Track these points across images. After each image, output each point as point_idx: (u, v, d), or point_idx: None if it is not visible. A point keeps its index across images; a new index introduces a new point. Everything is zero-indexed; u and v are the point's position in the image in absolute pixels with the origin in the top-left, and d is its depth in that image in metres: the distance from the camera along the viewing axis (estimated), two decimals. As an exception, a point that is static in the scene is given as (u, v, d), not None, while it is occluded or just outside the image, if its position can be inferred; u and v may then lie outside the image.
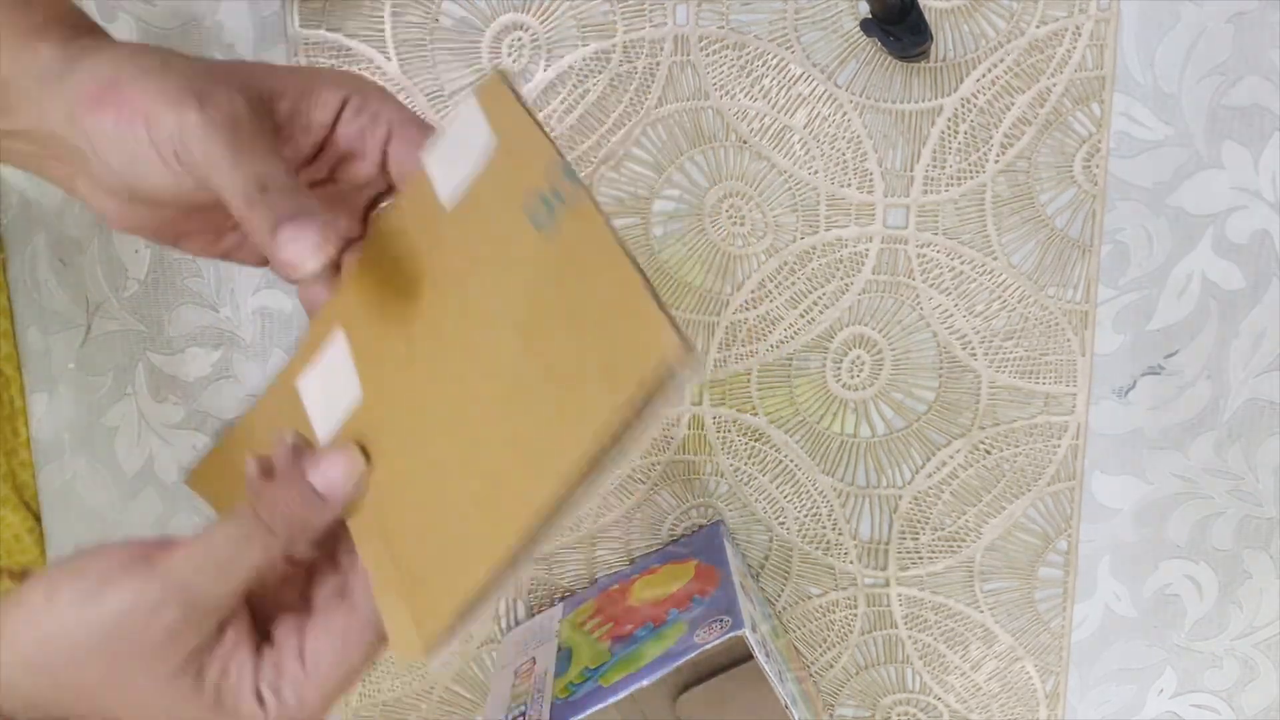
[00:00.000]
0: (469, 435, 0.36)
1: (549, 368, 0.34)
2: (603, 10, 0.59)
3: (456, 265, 0.38)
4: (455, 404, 0.37)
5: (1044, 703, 0.66)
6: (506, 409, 0.35)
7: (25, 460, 0.68)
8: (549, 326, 0.35)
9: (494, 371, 0.36)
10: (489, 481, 0.35)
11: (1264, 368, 0.60)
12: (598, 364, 0.32)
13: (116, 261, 0.65)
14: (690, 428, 0.64)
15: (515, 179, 0.37)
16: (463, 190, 0.39)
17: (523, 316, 0.36)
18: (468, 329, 0.37)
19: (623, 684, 0.53)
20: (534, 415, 0.34)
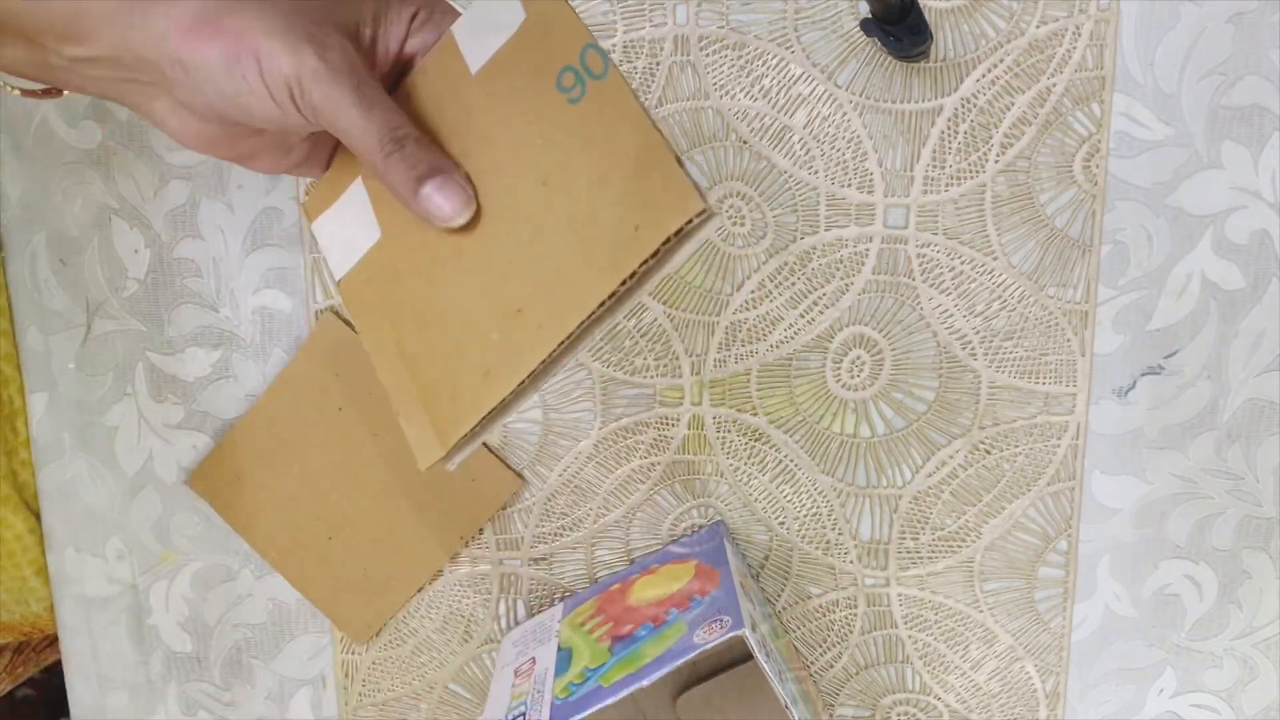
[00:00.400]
0: (491, 273, 0.39)
1: (571, 219, 0.38)
2: (603, 10, 0.59)
3: (482, 124, 0.41)
4: (477, 246, 0.40)
5: (1044, 702, 0.66)
6: (529, 251, 0.38)
7: (25, 460, 0.68)
8: (575, 183, 0.38)
9: (518, 218, 0.39)
10: (510, 311, 0.38)
11: (1264, 367, 0.60)
12: (624, 220, 0.36)
13: (116, 261, 0.65)
14: (690, 428, 0.64)
15: (547, 53, 0.39)
16: (489, 58, 0.41)
17: (549, 173, 0.39)
18: (491, 182, 0.40)
19: (623, 684, 0.53)
20: (557, 259, 0.38)
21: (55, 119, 0.64)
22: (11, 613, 0.70)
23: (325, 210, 0.45)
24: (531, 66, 0.39)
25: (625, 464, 0.65)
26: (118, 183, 0.64)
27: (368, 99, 0.40)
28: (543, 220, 0.38)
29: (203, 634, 0.69)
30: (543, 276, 0.38)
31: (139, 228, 0.64)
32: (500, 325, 0.38)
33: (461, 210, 0.40)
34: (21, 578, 0.69)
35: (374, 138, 0.39)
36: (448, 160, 0.41)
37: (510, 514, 0.66)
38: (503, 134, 0.40)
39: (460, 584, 0.67)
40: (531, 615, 0.67)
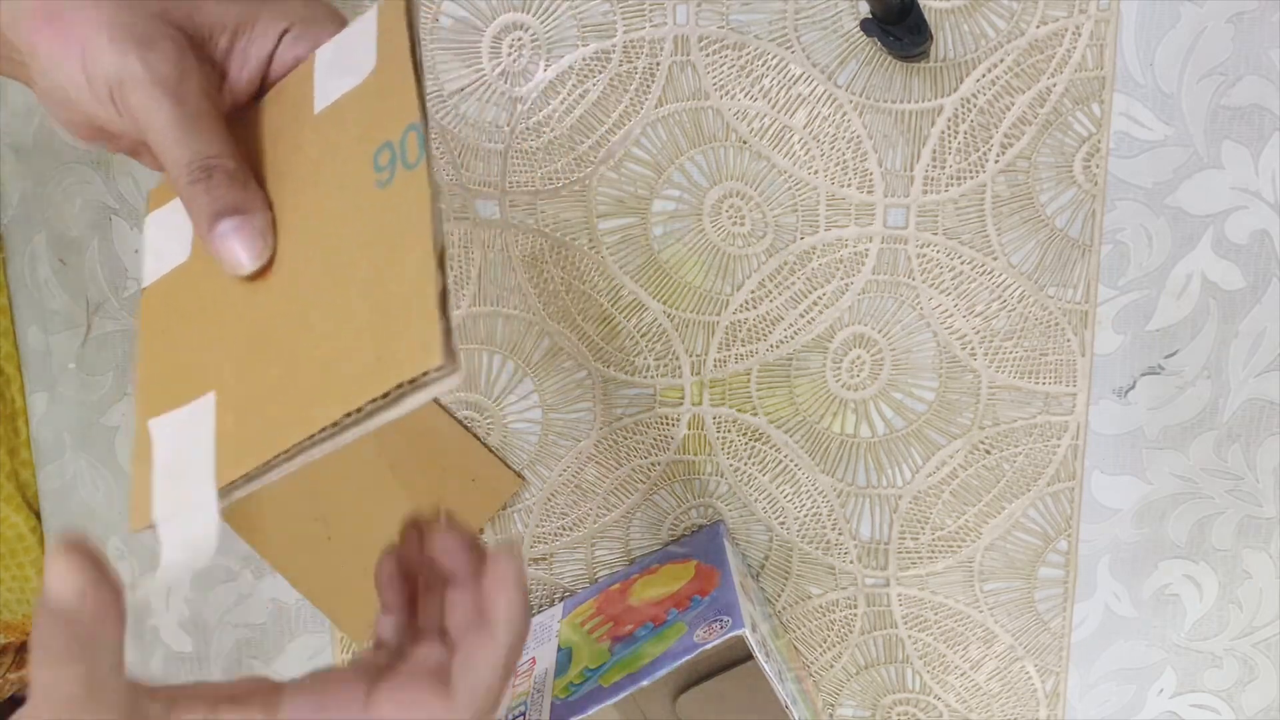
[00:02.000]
0: (258, 341, 0.37)
1: (338, 319, 0.35)
2: (603, 10, 0.59)
3: (302, 172, 0.38)
4: (253, 304, 0.37)
5: (1044, 702, 0.66)
6: (294, 331, 0.36)
7: (26, 459, 0.68)
8: (349, 278, 0.35)
9: (298, 288, 0.36)
10: (256, 393, 0.36)
11: (1264, 367, 0.60)
12: (371, 345, 0.33)
13: (116, 261, 0.65)
14: (690, 428, 0.64)
15: (379, 117, 0.36)
16: (332, 100, 0.38)
17: (336, 253, 0.36)
18: (290, 236, 0.37)
19: (622, 684, 0.53)
20: (309, 355, 0.35)
21: (55, 119, 0.64)
22: (14, 612, 0.70)
23: (161, 207, 0.42)
24: (361, 127, 0.36)
25: (625, 464, 0.65)
26: (118, 183, 0.64)
27: (186, 115, 0.36)
28: (314, 302, 0.36)
29: (203, 634, 0.69)
30: (290, 371, 0.35)
31: (139, 227, 0.64)
32: (242, 406, 0.36)
33: (251, 260, 0.37)
34: (24, 577, 0.69)
35: (183, 160, 0.36)
36: (256, 203, 0.37)
37: (510, 514, 0.66)
38: (314, 190, 0.37)
39: (460, 584, 0.67)
40: (531, 615, 0.68)
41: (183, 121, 0.36)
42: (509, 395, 0.64)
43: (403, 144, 0.35)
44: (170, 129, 0.36)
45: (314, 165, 0.38)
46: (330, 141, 0.37)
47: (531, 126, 0.60)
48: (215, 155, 0.37)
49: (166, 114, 0.36)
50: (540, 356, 0.64)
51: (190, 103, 0.37)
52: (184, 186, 0.37)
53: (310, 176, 0.38)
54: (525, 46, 0.60)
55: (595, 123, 0.60)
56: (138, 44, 0.36)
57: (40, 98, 0.40)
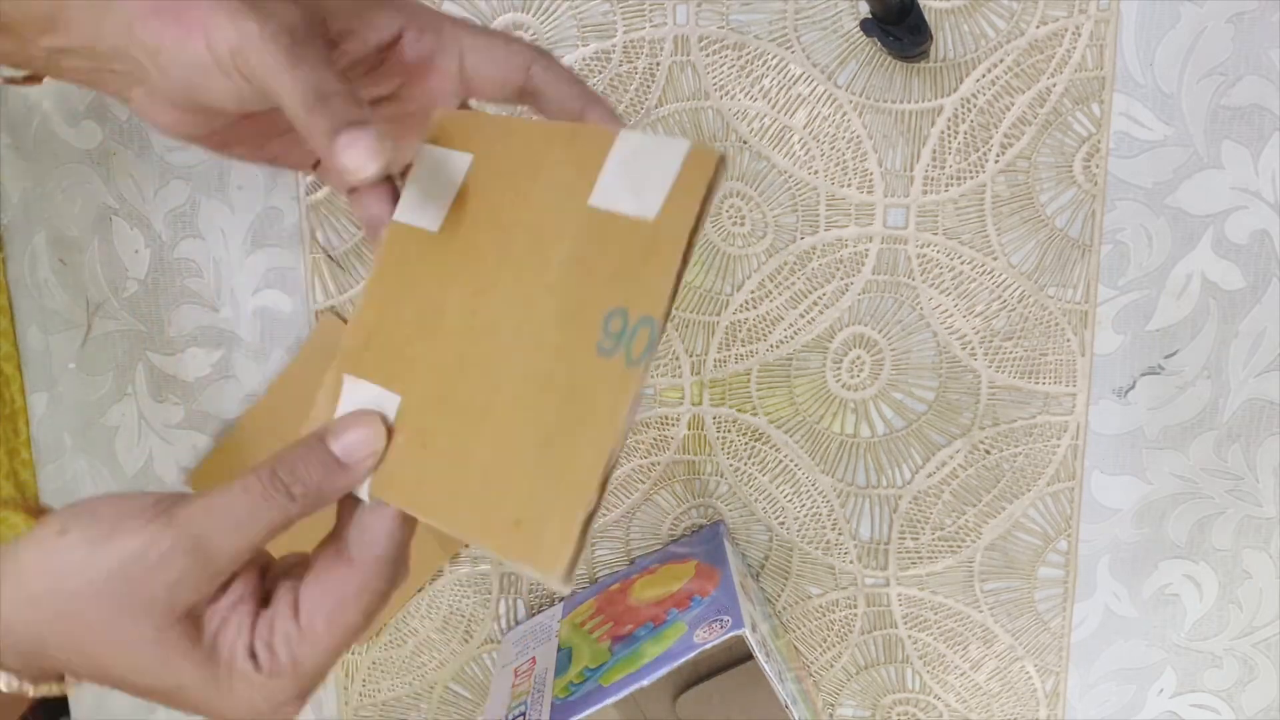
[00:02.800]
0: (455, 387, 0.38)
1: (512, 438, 0.36)
2: (603, 10, 0.59)
3: (541, 246, 0.38)
4: (471, 333, 0.38)
5: (1044, 702, 0.66)
6: (477, 404, 0.37)
7: (26, 459, 0.68)
8: (538, 403, 0.36)
9: (498, 358, 0.37)
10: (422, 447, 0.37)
11: (1264, 367, 0.60)
12: (517, 505, 0.34)
13: (116, 261, 0.65)
14: (690, 428, 0.64)
15: (630, 271, 0.36)
16: (606, 208, 0.37)
17: (538, 357, 0.36)
18: (509, 298, 0.38)
19: (622, 684, 0.53)
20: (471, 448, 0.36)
21: (55, 119, 0.64)
22: None
23: (439, 146, 0.43)
24: (614, 266, 0.36)
25: (625, 464, 0.65)
26: (118, 183, 0.64)
27: (297, 55, 0.38)
28: (505, 392, 0.36)
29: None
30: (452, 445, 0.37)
31: (139, 228, 0.64)
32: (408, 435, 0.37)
33: (372, 163, 0.37)
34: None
35: (299, 93, 0.38)
36: (371, 117, 0.39)
37: (510, 514, 0.66)
38: (543, 274, 0.38)
39: (460, 584, 0.67)
40: (531, 615, 0.68)
41: (294, 60, 0.38)
42: (509, 395, 0.64)
43: (634, 330, 0.35)
44: (284, 69, 0.38)
45: (555, 251, 0.38)
46: (581, 250, 0.37)
47: (531, 126, 0.60)
48: (328, 82, 0.39)
49: (281, 57, 0.38)
50: (540, 356, 0.64)
51: (300, 43, 0.38)
52: (304, 117, 0.38)
53: (546, 259, 0.38)
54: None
55: (595, 123, 0.60)
56: (254, 12, 0.38)
57: (146, 105, 0.41)
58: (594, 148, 0.37)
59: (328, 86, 0.38)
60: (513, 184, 0.39)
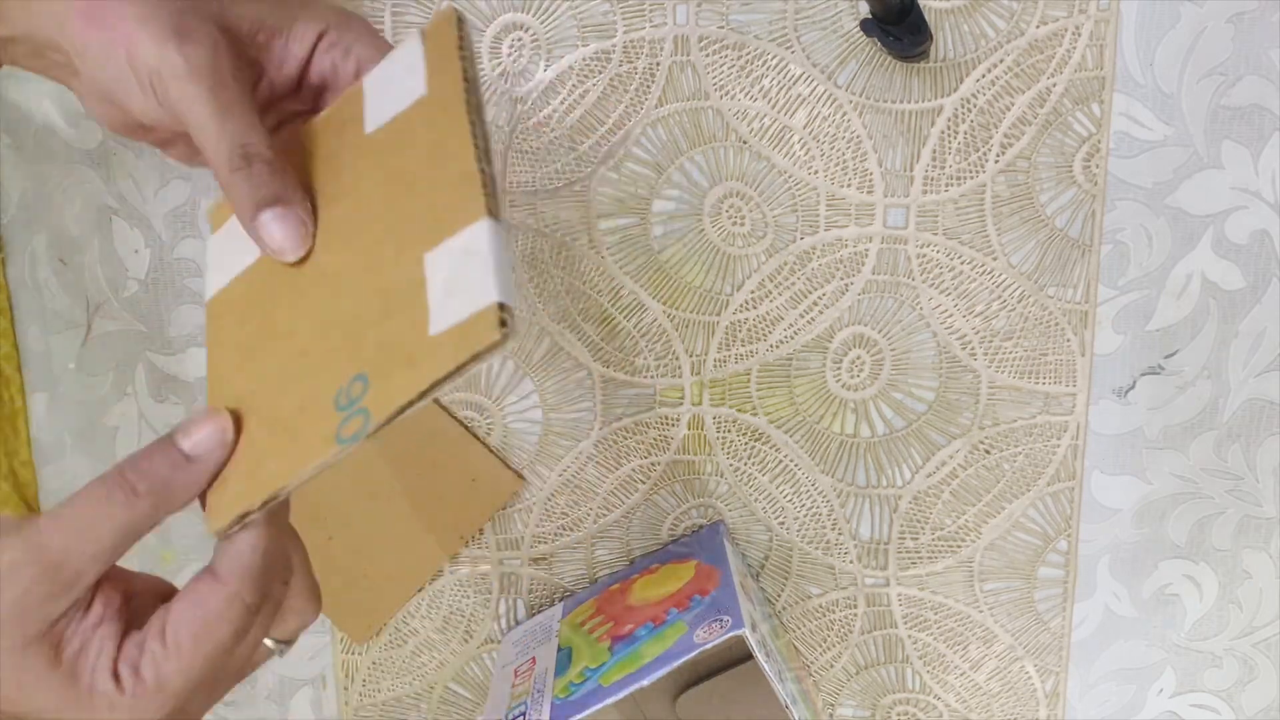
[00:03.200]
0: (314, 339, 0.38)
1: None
2: (603, 10, 0.59)
3: (361, 188, 0.39)
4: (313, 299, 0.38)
5: (1044, 702, 0.66)
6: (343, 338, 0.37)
7: (26, 459, 0.68)
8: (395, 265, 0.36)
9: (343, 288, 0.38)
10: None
11: (1264, 367, 0.60)
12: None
13: (117, 261, 0.65)
14: (690, 428, 0.64)
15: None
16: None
17: (378, 245, 0.37)
18: (346, 250, 0.38)
19: (622, 684, 0.53)
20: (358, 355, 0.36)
21: (55, 119, 0.64)
22: (12, 612, 0.70)
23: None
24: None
25: (625, 464, 0.65)
26: (118, 183, 0.64)
27: (224, 105, 0.37)
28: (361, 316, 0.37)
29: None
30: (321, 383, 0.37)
31: (139, 227, 0.64)
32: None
33: (295, 246, 0.38)
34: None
35: (223, 149, 0.37)
36: (296, 192, 0.39)
37: (510, 514, 0.66)
38: (370, 205, 0.38)
39: (460, 584, 0.67)
40: (531, 615, 0.68)
41: (221, 110, 0.38)
42: (509, 395, 0.64)
43: (355, 412, 0.35)
44: (209, 118, 0.37)
45: (368, 178, 0.39)
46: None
47: (531, 126, 0.60)
48: (253, 144, 0.38)
49: (204, 103, 0.37)
50: (540, 356, 0.64)
51: (227, 93, 0.38)
52: (225, 175, 0.38)
53: (368, 186, 0.39)
54: (525, 46, 0.60)
55: (595, 123, 0.60)
56: (176, 36, 0.37)
57: (83, 96, 0.41)
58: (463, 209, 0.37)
59: (251, 146, 0.38)
60: (414, 164, 0.39)
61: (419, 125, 0.38)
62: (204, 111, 0.37)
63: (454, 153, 0.37)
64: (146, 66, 0.37)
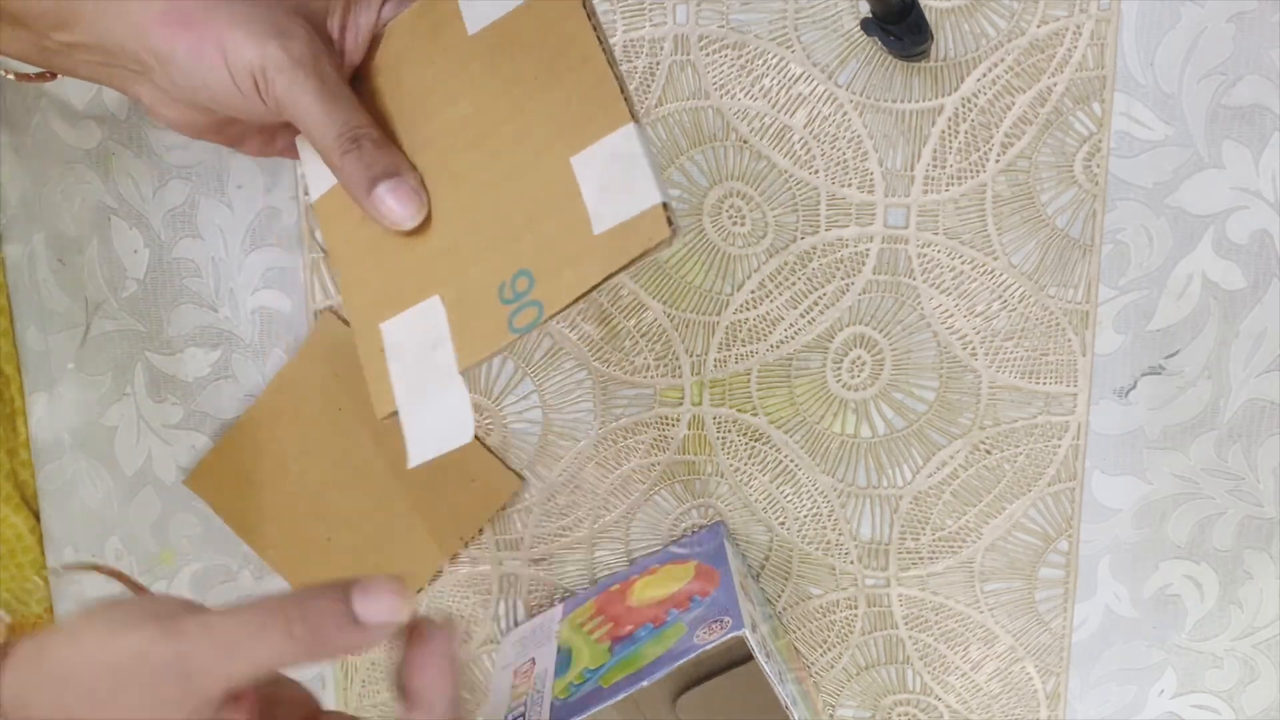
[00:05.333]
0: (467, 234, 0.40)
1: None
2: (602, 9, 0.59)
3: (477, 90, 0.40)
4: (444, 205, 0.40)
5: (1044, 703, 0.66)
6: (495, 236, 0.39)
7: (26, 459, 0.68)
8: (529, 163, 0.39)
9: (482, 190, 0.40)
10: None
11: (1264, 368, 0.60)
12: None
13: (116, 261, 0.65)
14: (690, 428, 0.64)
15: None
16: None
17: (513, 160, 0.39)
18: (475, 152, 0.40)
19: (622, 685, 0.53)
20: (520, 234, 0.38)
21: (55, 119, 0.63)
22: (13, 612, 0.70)
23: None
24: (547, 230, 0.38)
25: (625, 464, 0.65)
26: (117, 182, 0.64)
27: (329, 93, 0.40)
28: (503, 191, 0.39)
29: (202, 634, 0.69)
30: (509, 251, 0.39)
31: (138, 227, 0.64)
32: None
33: (413, 215, 0.40)
34: (23, 577, 0.69)
35: (332, 134, 0.40)
36: (404, 162, 0.41)
37: (510, 514, 0.66)
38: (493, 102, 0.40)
39: (460, 584, 0.67)
40: (531, 616, 0.67)
41: (326, 98, 0.40)
42: (509, 395, 0.64)
43: (527, 303, 0.37)
44: (317, 106, 0.40)
45: (487, 89, 0.40)
46: (542, 190, 0.39)
47: (531, 126, 0.60)
48: (361, 125, 0.40)
49: (312, 93, 0.39)
50: (540, 356, 0.64)
51: (330, 80, 0.40)
52: (337, 158, 0.40)
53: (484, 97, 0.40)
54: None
55: (595, 122, 0.60)
56: (275, 34, 0.39)
57: (153, 102, 0.42)
58: (604, 114, 0.38)
59: (359, 129, 0.40)
60: (538, 65, 0.40)
61: (532, 27, 0.39)
62: (311, 100, 0.39)
63: (581, 56, 0.38)
64: (246, 64, 0.39)
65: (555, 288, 0.37)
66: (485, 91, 0.40)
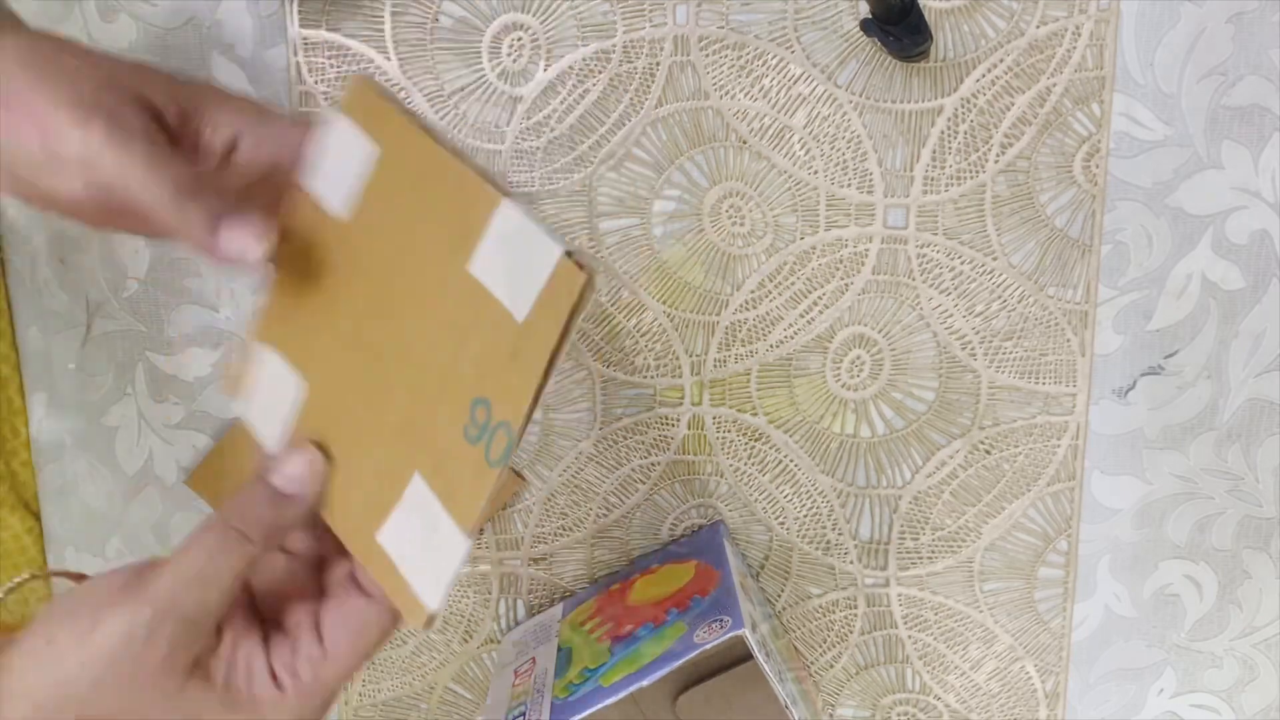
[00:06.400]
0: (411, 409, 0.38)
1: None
2: (603, 10, 0.59)
3: (371, 264, 0.40)
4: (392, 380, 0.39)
5: (1044, 703, 0.66)
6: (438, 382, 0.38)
7: (25, 460, 0.68)
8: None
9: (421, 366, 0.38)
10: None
11: (1264, 368, 0.60)
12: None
13: (116, 261, 0.65)
14: (690, 428, 0.64)
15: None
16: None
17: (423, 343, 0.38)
18: (394, 317, 0.39)
19: (622, 684, 0.53)
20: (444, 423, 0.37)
21: (55, 119, 0.63)
22: (12, 613, 0.70)
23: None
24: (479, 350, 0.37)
25: (625, 464, 0.65)
26: (118, 183, 0.64)
27: (159, 152, 0.38)
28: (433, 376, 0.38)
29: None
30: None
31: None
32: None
33: (260, 245, 0.38)
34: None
35: (167, 188, 0.37)
36: (244, 205, 0.39)
37: (510, 514, 0.66)
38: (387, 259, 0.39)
39: (460, 584, 0.67)
40: (531, 615, 0.67)
41: (158, 157, 0.38)
42: (509, 395, 0.64)
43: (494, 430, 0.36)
44: (148, 170, 0.37)
45: (376, 252, 0.39)
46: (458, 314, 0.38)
47: (531, 126, 0.60)
48: (195, 177, 0.38)
49: (141, 160, 0.37)
50: (540, 356, 0.64)
51: (161, 149, 0.38)
52: (175, 209, 0.38)
53: (379, 260, 0.39)
54: (525, 46, 0.60)
55: (595, 123, 0.60)
56: (100, 113, 0.37)
57: (7, 189, 0.40)
58: (478, 208, 0.37)
59: (194, 180, 0.38)
60: (408, 207, 0.39)
61: (393, 176, 0.39)
62: (142, 166, 0.37)
63: (434, 172, 0.37)
64: (73, 151, 0.37)
65: (510, 398, 0.35)
66: (372, 257, 0.39)
